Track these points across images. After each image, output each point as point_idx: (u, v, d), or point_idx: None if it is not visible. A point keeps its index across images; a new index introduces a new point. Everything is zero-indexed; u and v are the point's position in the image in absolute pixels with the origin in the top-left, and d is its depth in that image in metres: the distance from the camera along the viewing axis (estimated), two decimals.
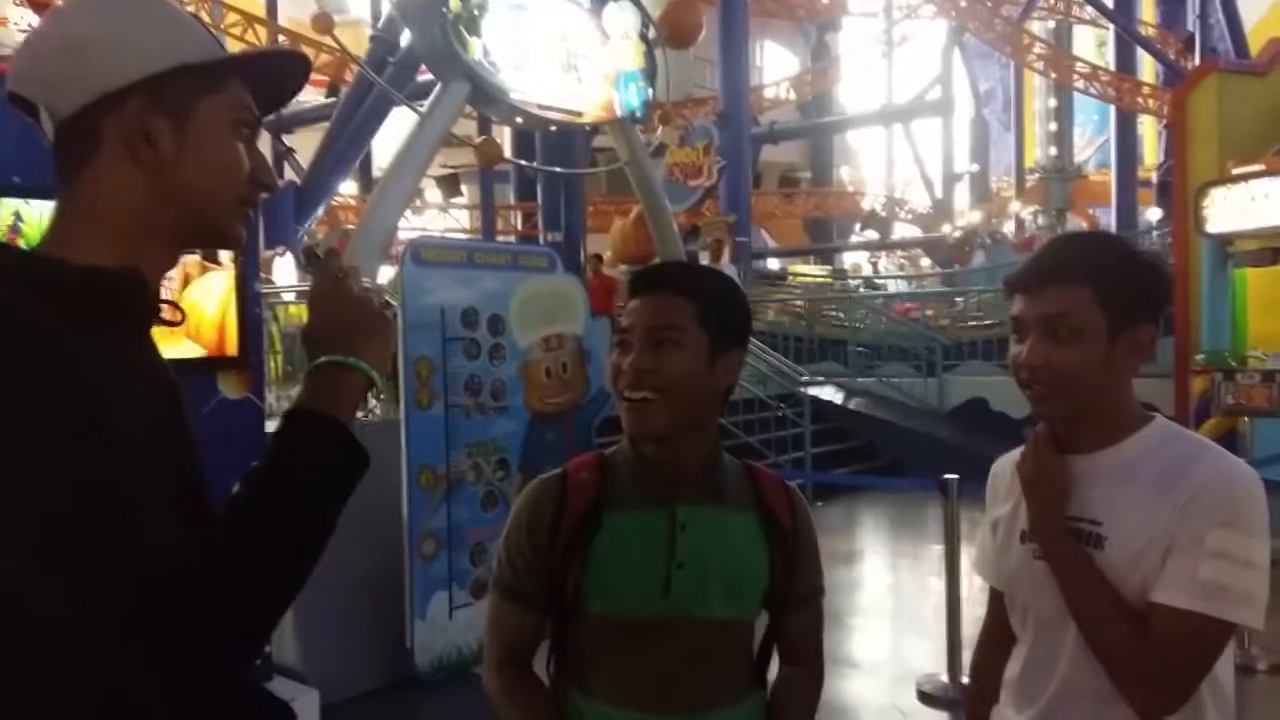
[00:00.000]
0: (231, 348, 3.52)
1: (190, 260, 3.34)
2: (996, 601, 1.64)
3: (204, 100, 1.00)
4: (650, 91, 10.48)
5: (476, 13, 8.55)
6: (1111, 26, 24.06)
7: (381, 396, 4.86)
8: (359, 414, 1.03)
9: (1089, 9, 25.69)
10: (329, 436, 0.99)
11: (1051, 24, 28.70)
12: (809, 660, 1.61)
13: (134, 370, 0.95)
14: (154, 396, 0.99)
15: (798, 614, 1.58)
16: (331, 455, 0.99)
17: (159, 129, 0.97)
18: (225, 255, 3.39)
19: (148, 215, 0.99)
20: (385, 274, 9.54)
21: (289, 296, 8.30)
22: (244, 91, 1.04)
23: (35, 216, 2.95)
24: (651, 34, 10.59)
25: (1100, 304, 1.40)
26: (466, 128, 13.67)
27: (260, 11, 22.18)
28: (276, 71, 1.09)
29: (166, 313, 1.04)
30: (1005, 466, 1.63)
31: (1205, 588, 1.31)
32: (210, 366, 3.46)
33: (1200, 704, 1.38)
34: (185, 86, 0.99)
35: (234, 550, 0.91)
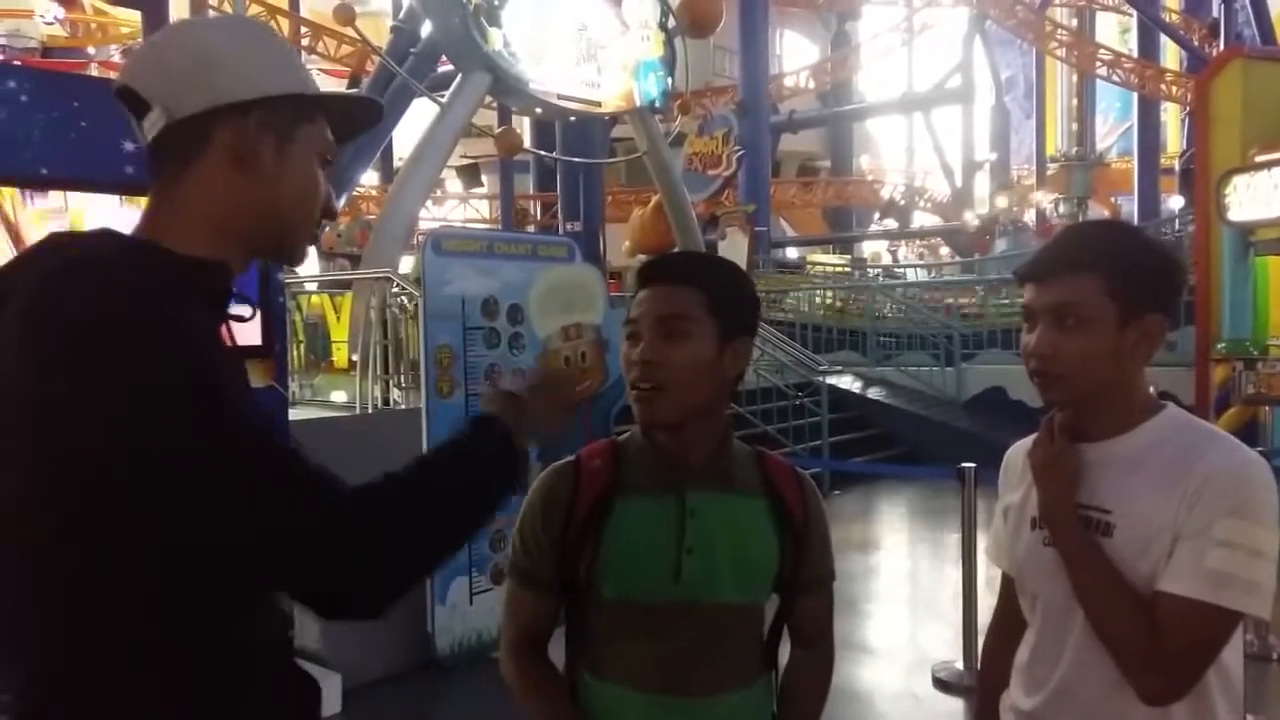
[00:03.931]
0: None
1: None
2: (1008, 587, 1.65)
3: (302, 127, 1.12)
4: (669, 81, 10.47)
5: (497, 4, 8.58)
6: (1135, 12, 23.82)
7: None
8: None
9: None
10: (506, 440, 1.18)
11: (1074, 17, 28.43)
12: (819, 642, 1.63)
13: (226, 353, 1.06)
14: (242, 379, 1.11)
15: (808, 598, 1.59)
16: (503, 455, 1.17)
17: (266, 145, 1.09)
18: None
19: (235, 220, 1.10)
20: (406, 264, 9.62)
21: (311, 286, 8.38)
22: (326, 126, 1.16)
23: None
24: (671, 23, 10.58)
25: (1110, 293, 1.39)
26: (486, 118, 13.69)
27: (283, 3, 22.24)
28: (352, 112, 1.20)
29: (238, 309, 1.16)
30: (1018, 453, 1.63)
31: (1212, 577, 1.31)
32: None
33: (1208, 692, 1.38)
34: (291, 112, 1.11)
35: (403, 492, 1.03)
